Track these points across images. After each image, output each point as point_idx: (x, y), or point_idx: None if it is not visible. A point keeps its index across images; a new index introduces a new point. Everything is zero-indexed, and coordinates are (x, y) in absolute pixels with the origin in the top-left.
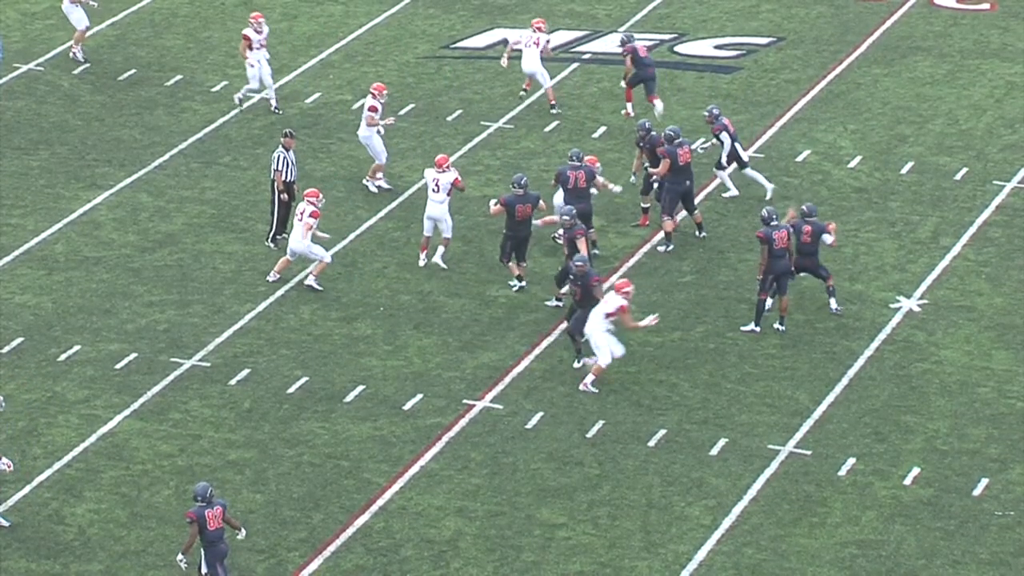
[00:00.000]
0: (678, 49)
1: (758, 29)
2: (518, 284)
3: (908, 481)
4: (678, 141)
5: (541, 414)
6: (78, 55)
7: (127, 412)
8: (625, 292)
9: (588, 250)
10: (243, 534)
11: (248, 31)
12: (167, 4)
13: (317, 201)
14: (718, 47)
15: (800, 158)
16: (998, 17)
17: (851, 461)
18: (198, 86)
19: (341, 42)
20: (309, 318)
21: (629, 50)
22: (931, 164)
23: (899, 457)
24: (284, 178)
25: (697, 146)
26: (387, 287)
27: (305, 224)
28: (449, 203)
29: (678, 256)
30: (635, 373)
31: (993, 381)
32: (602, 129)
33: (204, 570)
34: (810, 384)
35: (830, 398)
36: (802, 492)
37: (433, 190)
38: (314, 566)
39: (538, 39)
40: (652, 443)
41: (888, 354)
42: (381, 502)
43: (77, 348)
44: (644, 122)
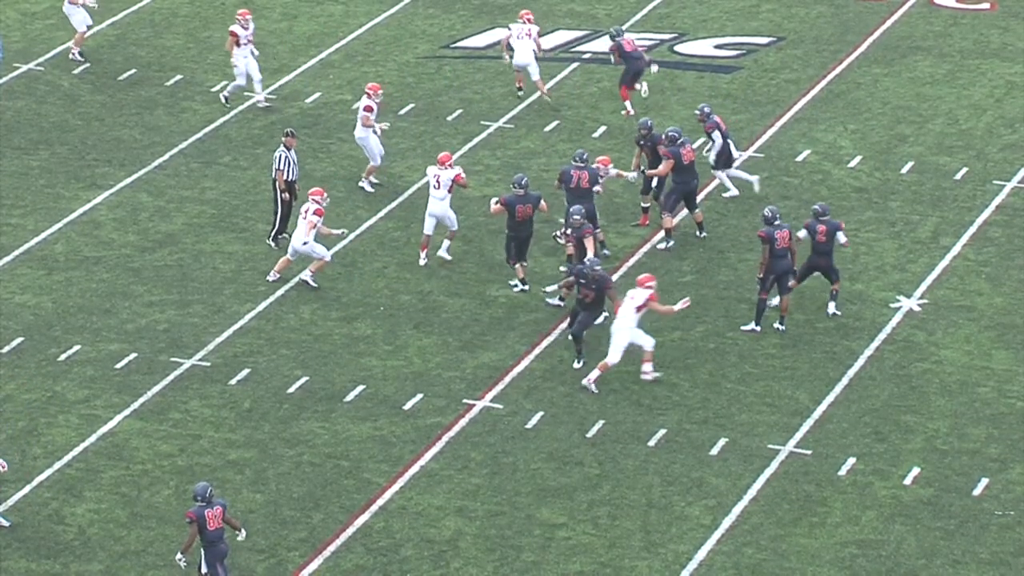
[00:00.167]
0: (678, 49)
1: (758, 29)
2: (520, 286)
3: (908, 481)
4: (680, 140)
5: (541, 414)
6: (77, 56)
7: (127, 412)
8: (649, 285)
9: (596, 250)
10: (243, 535)
11: (235, 27)
12: (167, 4)
13: (321, 200)
14: (718, 47)
15: (800, 158)
16: (998, 17)
17: (851, 461)
18: (198, 86)
19: (341, 42)
20: (309, 318)
21: (613, 49)
22: (931, 164)
23: (899, 457)
24: (285, 177)
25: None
26: (387, 287)
27: (308, 222)
28: (450, 200)
29: (678, 256)
30: (635, 373)
31: (993, 381)
32: (602, 129)
33: (204, 570)
34: (810, 384)
35: (830, 398)
36: (802, 492)
37: (434, 187)
38: (314, 566)
39: (529, 30)
40: (652, 443)
41: (888, 354)
42: (381, 502)
43: (77, 348)
44: (646, 120)
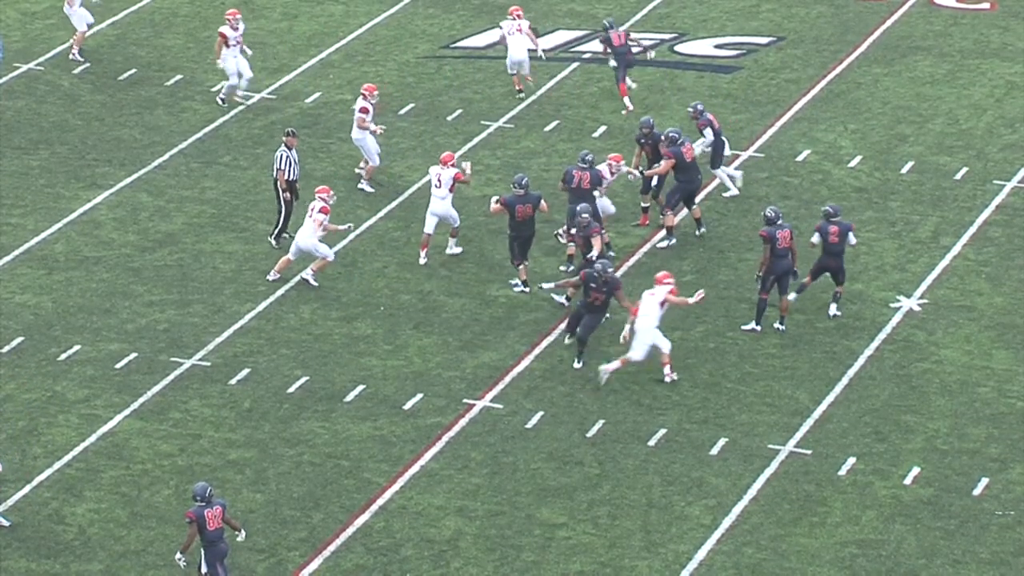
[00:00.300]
0: (678, 49)
1: (758, 29)
2: (521, 287)
3: (908, 481)
4: (680, 140)
5: (541, 414)
6: (76, 56)
7: (127, 412)
8: (668, 281)
9: (603, 250)
10: (243, 535)
11: (224, 28)
12: (167, 4)
13: (328, 197)
14: (718, 47)
15: (800, 158)
16: (998, 17)
17: (851, 461)
18: (198, 86)
19: (341, 42)
20: (309, 318)
21: (603, 40)
22: (931, 164)
23: (899, 457)
24: (287, 177)
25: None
26: (387, 287)
27: (315, 220)
28: (452, 199)
29: (678, 256)
30: (635, 373)
31: (993, 381)
32: (602, 128)
33: (204, 570)
34: (810, 384)
35: (830, 398)
36: (802, 492)
37: (436, 186)
38: (314, 566)
39: (520, 26)
40: (652, 443)
41: (888, 354)
42: (381, 501)
43: (77, 348)
44: (647, 119)
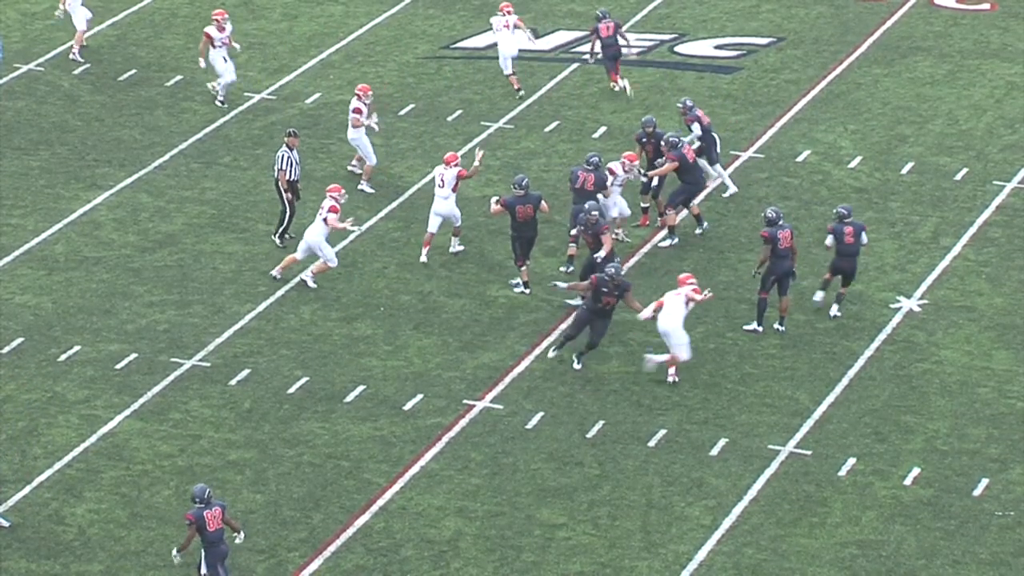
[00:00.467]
0: (678, 49)
1: (758, 29)
2: (521, 287)
3: (908, 481)
4: (680, 143)
5: (541, 414)
6: (77, 56)
7: (127, 412)
8: (691, 281)
9: (612, 248)
10: (241, 537)
11: (210, 29)
12: (167, 4)
13: (339, 196)
14: (718, 47)
15: (800, 158)
16: (998, 17)
17: (851, 461)
18: (198, 86)
19: (341, 42)
20: (309, 318)
21: (591, 30)
22: (931, 164)
23: (899, 457)
24: (288, 177)
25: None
26: (387, 287)
27: (325, 219)
28: (455, 199)
29: (678, 256)
30: (635, 373)
31: (993, 381)
32: (602, 129)
33: (204, 571)
34: (810, 384)
35: (830, 398)
36: (802, 492)
37: (439, 185)
38: (314, 566)
39: (507, 22)
40: (652, 443)
41: (888, 354)
42: (381, 502)
43: (77, 348)
44: (650, 118)
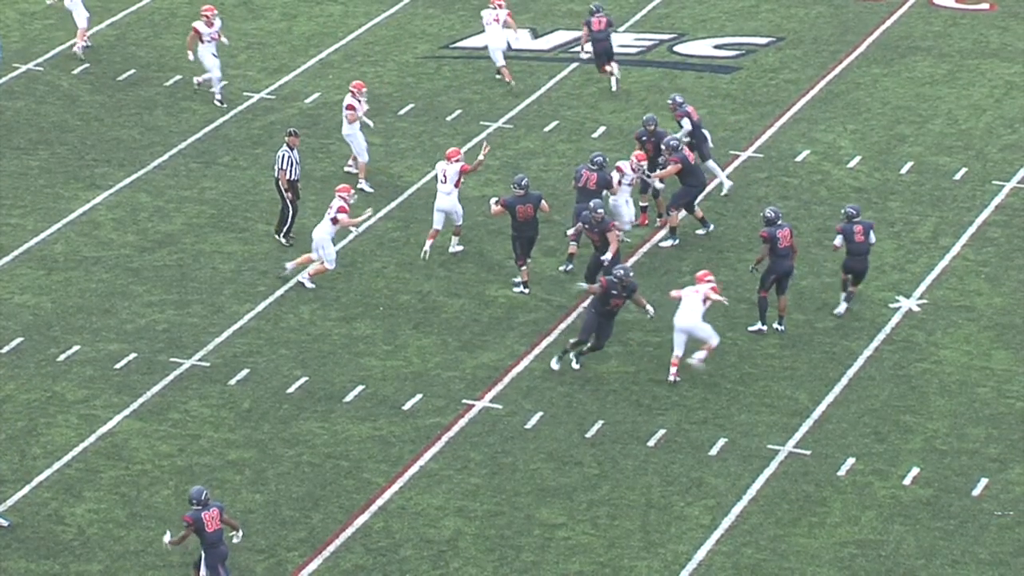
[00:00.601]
0: (677, 49)
1: (757, 29)
2: (521, 287)
3: (907, 481)
4: (679, 145)
5: (540, 414)
6: (81, 50)
7: (126, 412)
8: (709, 279)
9: (618, 247)
10: (239, 536)
11: (198, 24)
12: (166, 4)
13: (348, 197)
14: (717, 47)
15: (800, 158)
16: (997, 17)
17: (850, 461)
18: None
19: (340, 42)
20: (308, 318)
21: (584, 24)
22: (930, 164)
23: (898, 457)
24: (288, 177)
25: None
26: (386, 287)
27: (334, 219)
28: (458, 195)
29: (677, 256)
30: (634, 373)
31: (992, 381)
32: (601, 129)
33: (204, 572)
34: (809, 384)
35: (829, 398)
36: (801, 492)
37: (441, 181)
38: (314, 566)
39: (497, 15)
40: (651, 443)
41: (888, 354)
42: (380, 502)
43: (76, 348)
44: (652, 116)
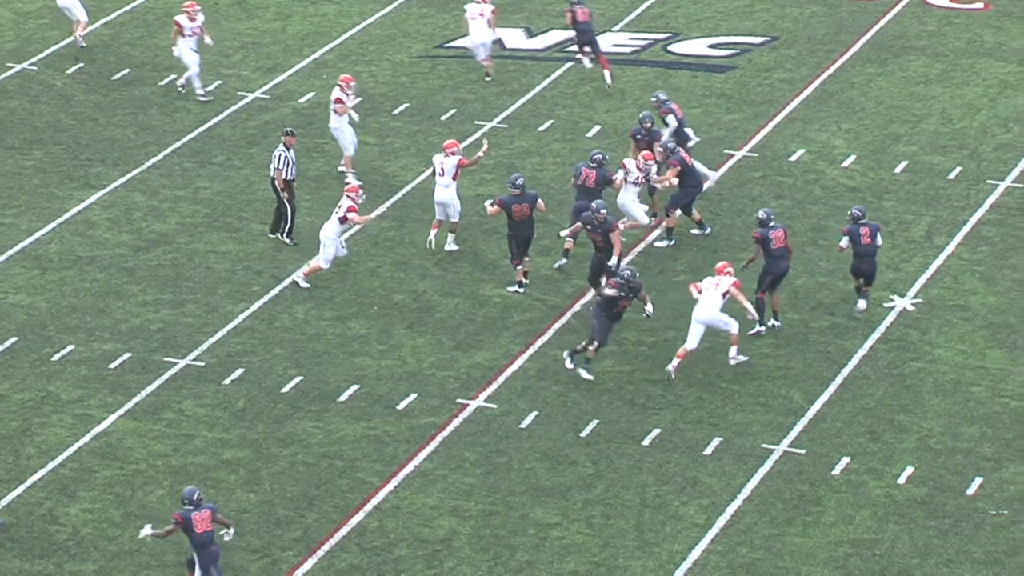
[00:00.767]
0: (672, 48)
1: (752, 28)
2: (516, 287)
3: (902, 480)
4: (675, 148)
5: (535, 413)
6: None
7: (121, 412)
8: (729, 271)
9: (619, 246)
10: (231, 534)
11: (180, 18)
12: (161, 4)
13: (357, 197)
14: (712, 46)
15: (794, 157)
16: (992, 16)
17: (845, 460)
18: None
19: (335, 41)
20: (303, 317)
21: (567, 12)
22: (925, 163)
23: (893, 456)
24: (284, 176)
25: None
26: (381, 286)
27: (343, 217)
28: (456, 188)
29: (672, 256)
30: (629, 372)
31: (987, 380)
32: (596, 128)
33: (197, 574)
34: (804, 383)
35: (824, 397)
36: (796, 491)
37: (439, 174)
38: (308, 565)
39: (482, 10)
40: (646, 442)
41: (882, 353)
42: (375, 501)
43: (71, 348)
44: (648, 114)
